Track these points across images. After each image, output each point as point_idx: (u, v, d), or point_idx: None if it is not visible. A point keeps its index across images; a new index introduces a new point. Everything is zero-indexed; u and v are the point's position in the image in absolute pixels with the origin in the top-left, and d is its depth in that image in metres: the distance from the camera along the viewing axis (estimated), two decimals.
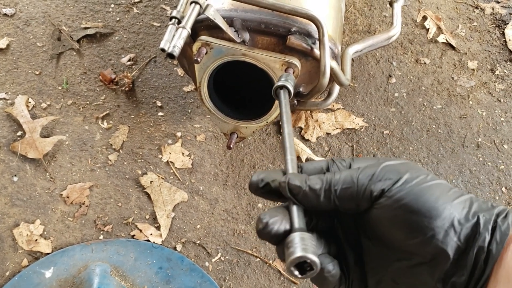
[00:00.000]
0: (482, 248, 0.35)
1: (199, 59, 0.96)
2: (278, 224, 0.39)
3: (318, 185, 0.40)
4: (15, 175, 1.35)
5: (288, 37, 0.95)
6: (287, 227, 0.39)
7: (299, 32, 0.97)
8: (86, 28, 1.58)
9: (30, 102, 1.44)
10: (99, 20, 1.61)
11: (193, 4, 0.91)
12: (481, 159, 1.52)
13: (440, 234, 0.36)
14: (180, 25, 0.90)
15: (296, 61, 0.96)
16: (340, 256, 0.43)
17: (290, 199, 0.41)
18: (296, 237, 0.38)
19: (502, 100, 1.62)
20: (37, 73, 1.50)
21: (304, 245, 0.37)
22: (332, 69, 0.98)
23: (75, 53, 1.55)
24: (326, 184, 0.40)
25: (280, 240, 0.39)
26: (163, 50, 0.88)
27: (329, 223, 0.44)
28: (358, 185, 0.39)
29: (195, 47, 0.96)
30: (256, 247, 1.34)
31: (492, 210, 0.37)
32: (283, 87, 0.57)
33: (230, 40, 0.96)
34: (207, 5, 0.91)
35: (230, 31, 0.95)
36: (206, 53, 0.97)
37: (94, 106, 1.47)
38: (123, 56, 1.56)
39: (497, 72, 1.67)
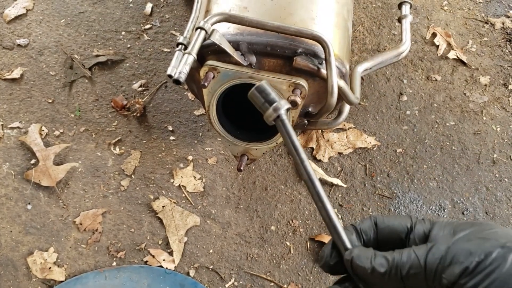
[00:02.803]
0: None
1: (206, 84, 0.96)
2: None
3: (383, 269, 0.39)
4: (29, 203, 1.36)
5: (295, 58, 0.95)
6: None
7: (306, 53, 0.97)
8: (97, 55, 1.61)
9: (43, 130, 1.46)
10: (110, 48, 1.64)
11: (199, 30, 0.92)
12: (497, 175, 1.49)
13: None
14: (186, 51, 0.90)
15: (303, 82, 0.95)
16: None
17: (355, 278, 0.41)
18: None
19: None
20: (50, 101, 1.52)
21: None
22: (340, 88, 0.98)
23: (87, 81, 1.57)
24: (393, 268, 0.39)
25: None
26: (170, 76, 0.89)
27: None
28: (427, 270, 0.37)
29: (202, 72, 0.97)
30: (270, 271, 1.32)
31: None
32: (276, 112, 0.52)
33: (237, 63, 0.97)
34: (213, 30, 0.92)
35: (236, 55, 0.96)
36: (213, 77, 0.97)
37: (106, 132, 1.49)
38: (134, 82, 1.58)
39: (510, 87, 1.65)
